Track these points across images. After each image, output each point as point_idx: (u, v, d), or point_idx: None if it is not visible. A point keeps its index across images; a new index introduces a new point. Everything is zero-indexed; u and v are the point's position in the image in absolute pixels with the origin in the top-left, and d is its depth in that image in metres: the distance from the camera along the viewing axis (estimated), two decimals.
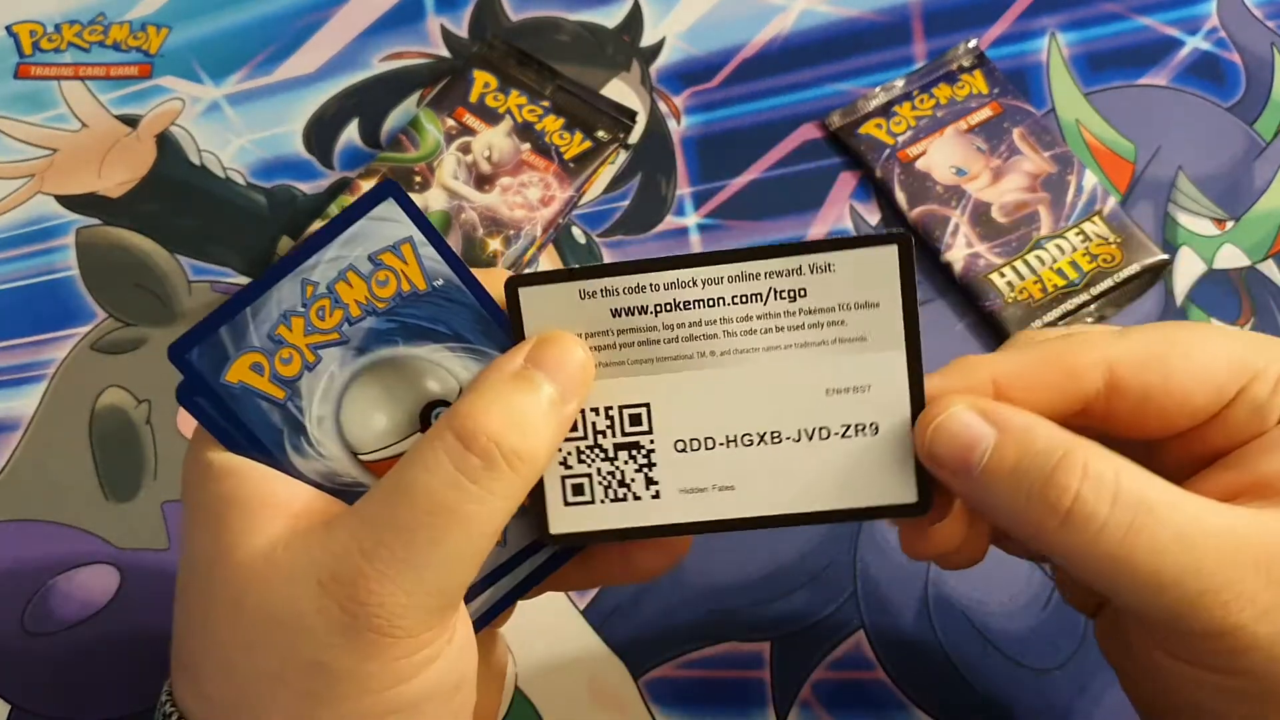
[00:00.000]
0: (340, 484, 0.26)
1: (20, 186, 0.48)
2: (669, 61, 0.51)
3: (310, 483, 0.26)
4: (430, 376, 0.26)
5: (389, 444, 0.26)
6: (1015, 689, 0.39)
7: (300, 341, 0.25)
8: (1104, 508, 0.24)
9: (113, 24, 0.52)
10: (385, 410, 0.26)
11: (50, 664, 0.40)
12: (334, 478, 0.26)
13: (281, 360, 0.25)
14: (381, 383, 0.26)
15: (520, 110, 0.48)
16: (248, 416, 0.25)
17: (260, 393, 0.25)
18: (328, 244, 0.25)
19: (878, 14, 0.52)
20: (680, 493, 0.27)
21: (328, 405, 0.26)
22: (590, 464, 0.27)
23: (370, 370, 0.26)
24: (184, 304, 0.46)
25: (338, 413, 0.26)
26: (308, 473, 0.26)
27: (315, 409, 0.26)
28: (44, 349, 0.45)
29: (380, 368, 0.26)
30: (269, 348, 0.25)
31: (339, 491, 0.26)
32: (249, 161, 0.49)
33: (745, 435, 0.27)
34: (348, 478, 0.26)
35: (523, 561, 0.28)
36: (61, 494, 0.42)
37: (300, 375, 0.25)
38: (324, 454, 0.26)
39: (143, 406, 0.44)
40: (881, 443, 0.27)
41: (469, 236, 0.44)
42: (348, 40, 0.52)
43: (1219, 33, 0.51)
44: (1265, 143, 0.49)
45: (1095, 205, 0.46)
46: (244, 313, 0.25)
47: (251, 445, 0.25)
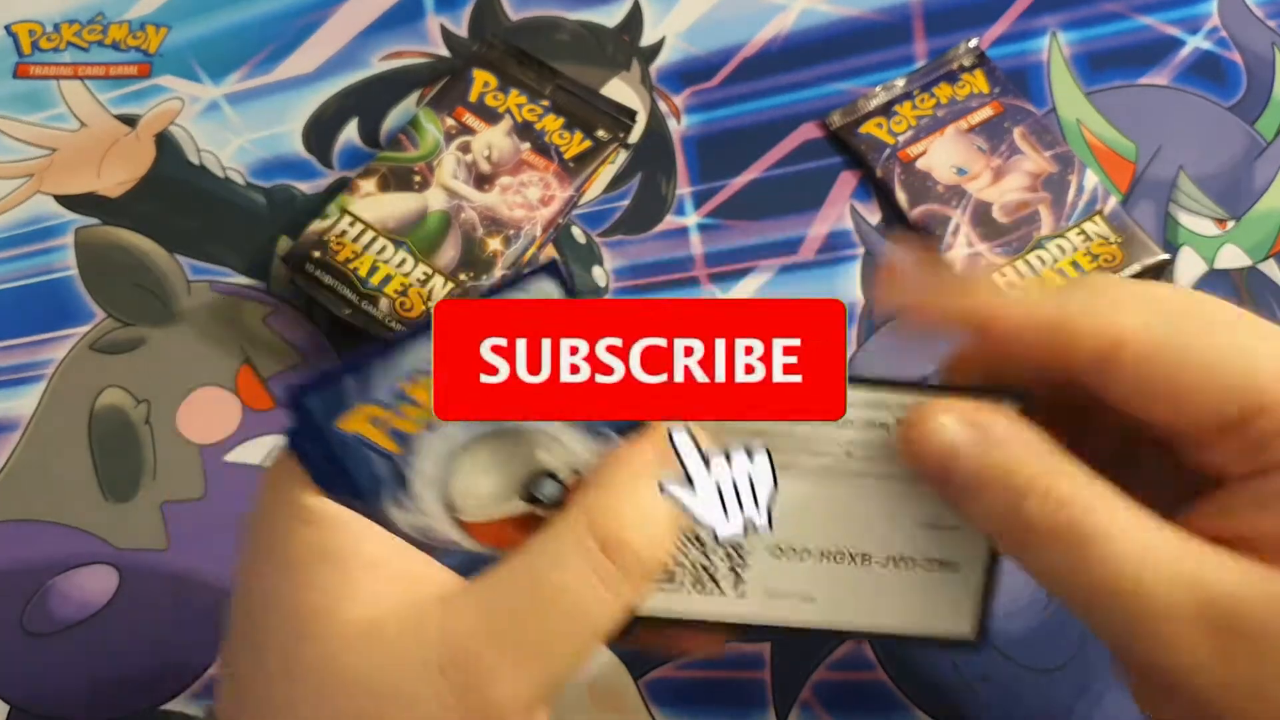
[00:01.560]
0: (433, 540, 0.26)
1: (19, 186, 0.48)
2: (669, 61, 0.51)
3: (404, 536, 0.25)
4: (544, 449, 0.26)
5: (490, 509, 0.26)
6: (1016, 689, 0.39)
7: (428, 401, 0.25)
8: (1055, 541, 0.24)
9: (112, 23, 0.52)
10: (493, 476, 0.26)
11: (49, 664, 0.40)
12: (428, 533, 0.26)
13: (402, 416, 0.25)
14: (496, 449, 0.26)
15: (520, 110, 0.47)
16: (353, 465, 0.25)
17: (373, 445, 0.25)
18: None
19: (878, 13, 0.52)
20: (764, 595, 0.28)
21: (439, 464, 0.26)
22: (685, 552, 0.27)
23: (488, 436, 0.26)
24: (183, 304, 0.46)
25: (446, 472, 0.26)
26: (403, 525, 0.25)
27: (426, 466, 0.26)
28: (43, 349, 0.45)
29: (498, 435, 0.26)
30: (392, 403, 0.25)
31: (430, 548, 0.26)
32: (248, 161, 0.49)
33: (839, 552, 0.28)
34: (442, 536, 0.26)
35: None
36: (60, 494, 0.42)
37: (420, 434, 0.25)
38: (424, 510, 0.26)
39: (142, 407, 0.44)
40: (957, 580, 0.28)
41: (469, 236, 0.44)
42: (347, 39, 0.52)
43: (1220, 32, 0.51)
44: (1266, 142, 0.49)
45: (1096, 205, 0.46)
46: (372, 366, 0.25)
47: (351, 493, 0.25)
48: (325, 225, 0.44)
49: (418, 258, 0.44)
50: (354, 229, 0.44)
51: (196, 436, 0.43)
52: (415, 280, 0.43)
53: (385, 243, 0.44)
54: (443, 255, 0.44)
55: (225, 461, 0.43)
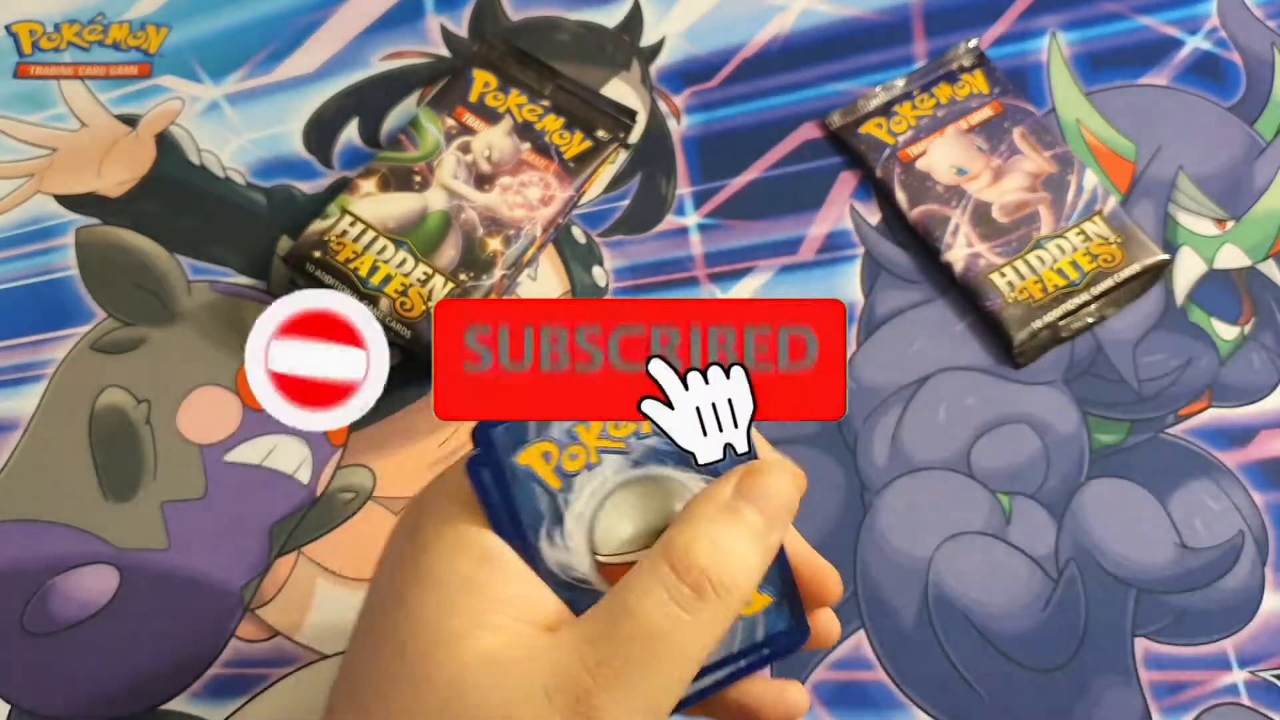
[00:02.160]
0: (572, 577, 0.27)
1: (20, 186, 0.48)
2: (669, 61, 0.51)
3: (546, 570, 0.27)
4: (681, 500, 0.27)
5: (625, 552, 0.27)
6: (1015, 689, 0.39)
7: (592, 442, 0.27)
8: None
9: (112, 23, 0.52)
10: (634, 521, 0.27)
11: (50, 664, 0.40)
12: (569, 570, 0.27)
13: (570, 455, 0.27)
14: (640, 495, 0.27)
15: (520, 110, 0.47)
16: (520, 497, 0.27)
17: (540, 479, 0.27)
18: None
19: (878, 13, 0.52)
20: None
21: (590, 504, 0.27)
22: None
23: (637, 481, 0.27)
24: (183, 304, 0.46)
25: (596, 512, 0.27)
26: (549, 559, 0.27)
27: (579, 505, 0.27)
28: (43, 349, 0.45)
29: (645, 481, 0.27)
30: (563, 441, 0.27)
31: (569, 585, 0.27)
32: (248, 161, 0.49)
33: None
34: (579, 573, 0.27)
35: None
36: (61, 494, 0.42)
37: (580, 472, 0.27)
38: (570, 546, 0.27)
39: (142, 406, 0.44)
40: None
41: (469, 236, 0.44)
42: (347, 39, 0.52)
43: (1219, 32, 0.51)
44: (1265, 143, 0.49)
45: (1096, 205, 0.46)
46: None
47: (513, 524, 0.27)
48: (325, 225, 0.44)
49: (418, 258, 0.44)
50: (354, 229, 0.44)
51: (197, 436, 0.43)
52: (415, 280, 0.43)
53: (385, 243, 0.44)
54: (443, 255, 0.44)
55: (225, 461, 0.43)
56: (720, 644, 0.28)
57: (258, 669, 0.40)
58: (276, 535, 0.42)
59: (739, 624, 0.28)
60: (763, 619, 0.28)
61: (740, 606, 0.26)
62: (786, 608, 0.29)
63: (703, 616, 0.25)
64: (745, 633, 0.28)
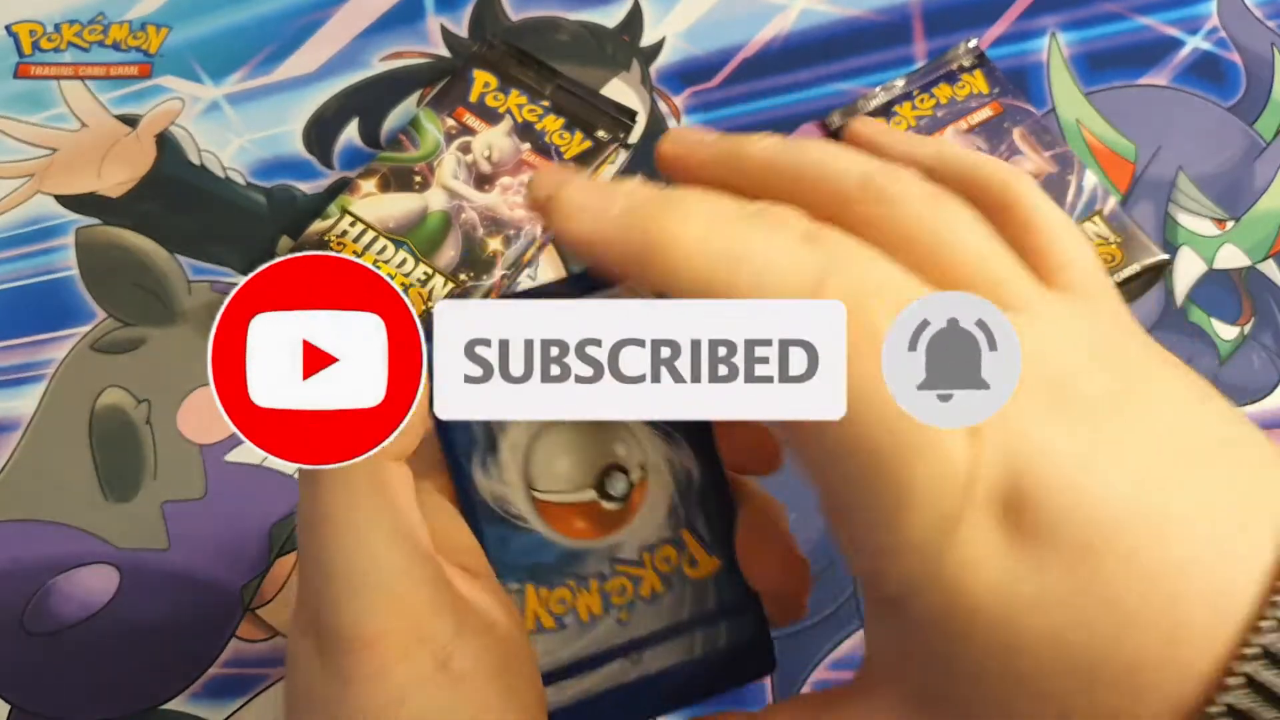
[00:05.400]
0: (507, 512, 0.26)
1: (20, 186, 0.48)
2: (669, 61, 0.51)
3: (481, 502, 0.26)
4: (621, 441, 0.27)
5: (562, 490, 0.27)
6: None
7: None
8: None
9: (112, 23, 0.52)
10: (571, 457, 0.27)
11: (50, 664, 0.40)
12: (504, 504, 0.26)
13: None
14: (578, 430, 0.27)
15: (520, 110, 0.47)
16: (451, 420, 0.26)
17: None
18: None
19: (878, 13, 0.52)
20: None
21: (524, 435, 0.26)
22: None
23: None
24: (183, 304, 0.46)
25: (531, 444, 0.26)
26: (484, 491, 0.26)
27: (513, 434, 0.26)
28: (43, 349, 0.45)
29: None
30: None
31: (504, 519, 0.26)
32: (249, 161, 0.49)
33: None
34: (515, 509, 0.26)
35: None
36: (61, 494, 0.42)
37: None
38: (504, 479, 0.26)
39: (142, 406, 0.44)
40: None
41: (469, 236, 0.44)
42: (347, 40, 0.52)
43: (1219, 32, 0.51)
44: (1265, 143, 0.49)
45: (1095, 205, 0.46)
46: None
47: (445, 448, 0.26)
48: (326, 225, 0.44)
49: (418, 258, 0.44)
50: (354, 229, 0.44)
51: (197, 436, 0.43)
52: (416, 280, 0.43)
53: (386, 243, 0.44)
54: (443, 255, 0.44)
55: (226, 461, 0.43)
56: (666, 610, 0.27)
57: (258, 669, 0.40)
58: (277, 535, 0.42)
59: (687, 588, 0.27)
60: (712, 585, 0.27)
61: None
62: (737, 573, 0.27)
63: None
64: (694, 599, 0.27)
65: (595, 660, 0.27)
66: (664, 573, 0.27)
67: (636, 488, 0.27)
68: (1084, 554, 0.19)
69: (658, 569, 0.27)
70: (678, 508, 0.27)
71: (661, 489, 0.27)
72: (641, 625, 0.27)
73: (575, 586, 0.27)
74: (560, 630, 0.27)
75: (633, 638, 0.27)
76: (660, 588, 0.27)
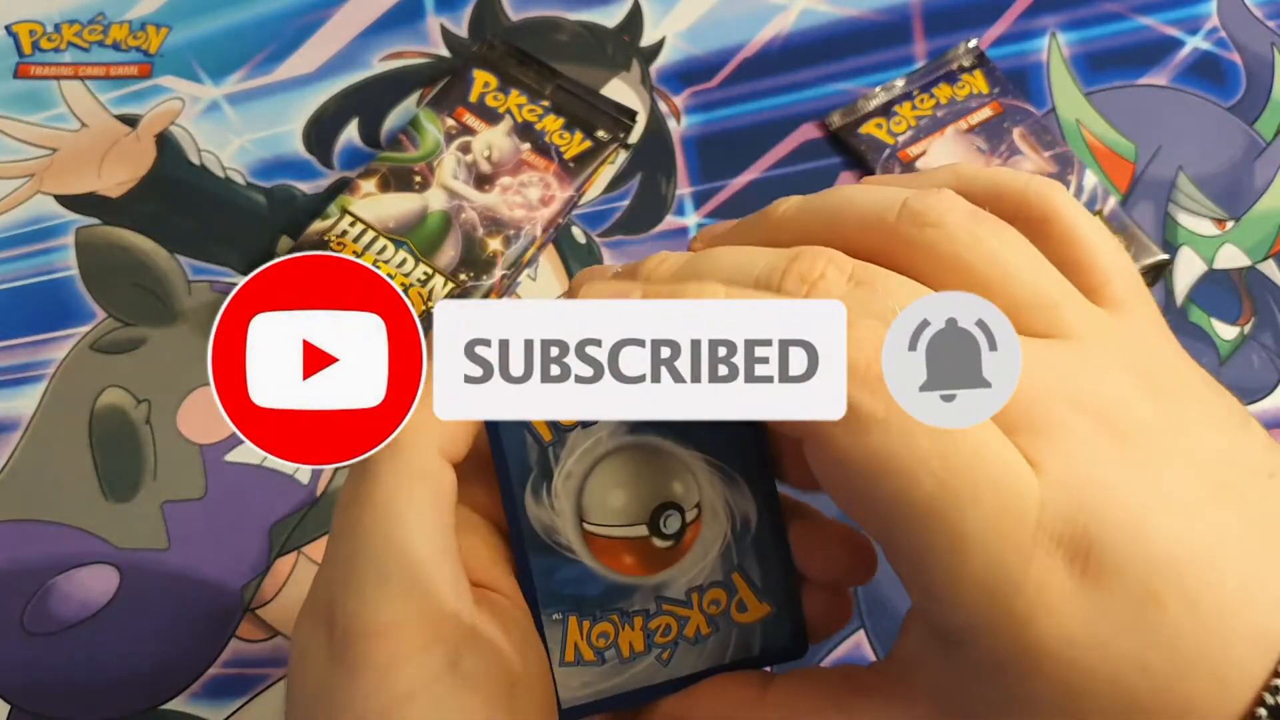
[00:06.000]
0: (555, 541, 0.26)
1: (20, 186, 0.48)
2: (669, 61, 0.51)
3: (529, 530, 0.26)
4: (678, 478, 0.26)
5: (615, 524, 0.26)
6: None
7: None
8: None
9: (112, 23, 0.52)
10: (626, 491, 0.26)
11: (50, 664, 0.40)
12: (552, 534, 0.26)
13: None
14: (635, 464, 0.26)
15: (520, 110, 0.47)
16: (508, 443, 0.25)
17: (531, 426, 0.25)
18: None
19: (878, 13, 0.52)
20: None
21: (582, 465, 0.26)
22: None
23: (632, 448, 0.26)
24: (183, 304, 0.46)
25: (586, 475, 0.26)
26: (533, 519, 0.26)
27: (570, 463, 0.26)
28: (43, 349, 0.45)
29: (641, 450, 0.26)
30: None
31: (552, 549, 0.26)
32: (249, 161, 0.49)
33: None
34: (564, 540, 0.26)
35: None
36: (61, 494, 0.42)
37: (575, 427, 0.26)
38: (556, 508, 0.26)
39: (142, 406, 0.44)
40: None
41: (469, 236, 0.44)
42: (347, 40, 0.52)
43: (1219, 32, 0.51)
44: (1265, 143, 0.49)
45: (1095, 205, 0.46)
46: None
47: (500, 471, 0.25)
48: (326, 225, 0.44)
49: (418, 258, 0.44)
50: (354, 229, 0.44)
51: (197, 436, 0.43)
52: (416, 280, 0.43)
53: (385, 243, 0.44)
54: (443, 255, 0.44)
55: (226, 461, 0.43)
56: (709, 652, 0.27)
57: (258, 669, 0.40)
58: (277, 535, 0.42)
59: (733, 632, 0.27)
60: (759, 630, 0.27)
61: None
62: (787, 621, 0.27)
63: None
64: (739, 643, 0.27)
65: (632, 697, 0.27)
66: (711, 615, 0.27)
67: (690, 527, 0.26)
68: (1148, 598, 0.19)
69: (705, 610, 0.27)
70: (731, 550, 0.27)
71: (716, 530, 0.27)
72: (683, 665, 0.27)
73: (618, 621, 0.26)
74: (599, 664, 0.26)
75: (672, 677, 0.27)
76: (706, 630, 0.27)
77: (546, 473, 0.26)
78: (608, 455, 0.26)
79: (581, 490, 0.26)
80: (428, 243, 0.44)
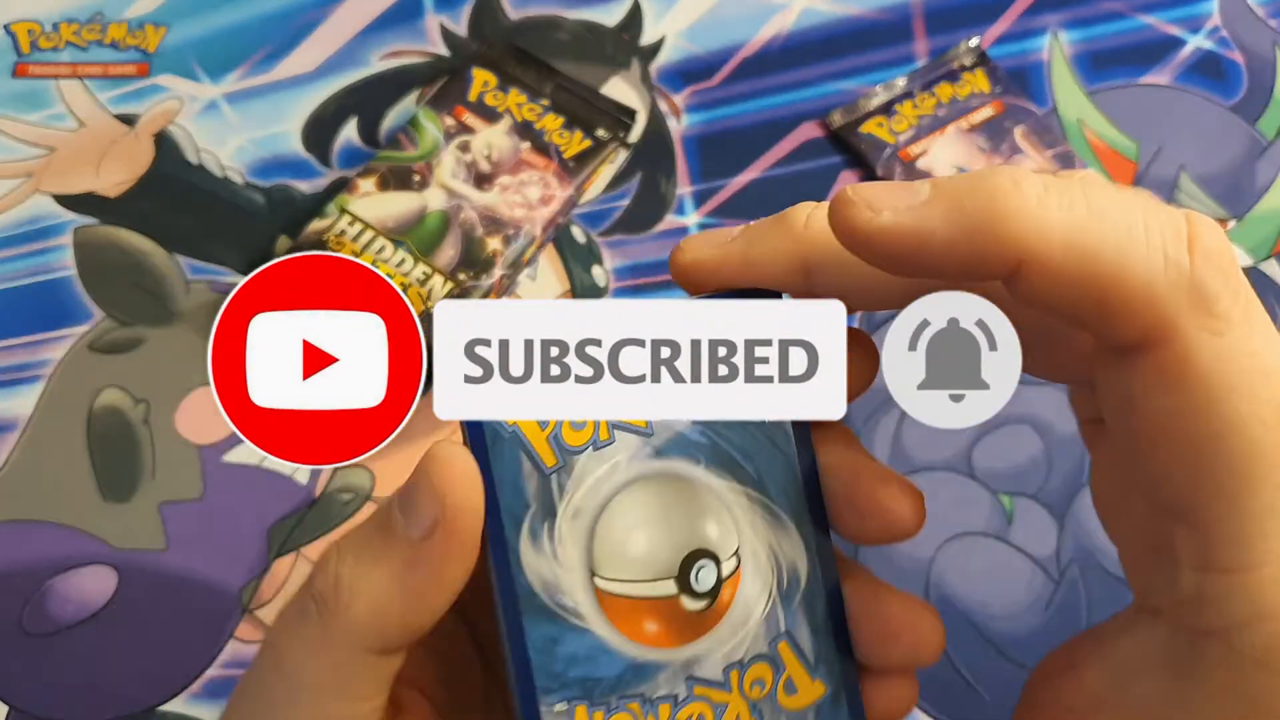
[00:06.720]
0: (559, 604, 0.21)
1: (17, 186, 0.48)
2: (669, 60, 0.51)
3: (524, 587, 0.21)
4: (713, 518, 0.22)
5: (635, 579, 0.21)
6: (1017, 690, 0.39)
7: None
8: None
9: (110, 22, 0.52)
10: (650, 534, 0.21)
11: (49, 664, 0.40)
12: (553, 592, 0.21)
13: (573, 425, 0.22)
14: (660, 499, 0.21)
15: (520, 109, 0.47)
16: (501, 468, 0.21)
17: (531, 447, 0.21)
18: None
19: (879, 12, 0.52)
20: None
21: (593, 500, 0.21)
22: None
23: (656, 479, 0.22)
24: (182, 303, 0.46)
25: (599, 513, 0.21)
26: (529, 570, 0.21)
27: (578, 497, 0.21)
28: (41, 349, 0.45)
29: (667, 480, 0.22)
30: None
31: (554, 614, 0.21)
32: (247, 160, 0.49)
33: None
34: (569, 601, 0.21)
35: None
36: (59, 495, 0.42)
37: (584, 449, 0.21)
38: (559, 558, 0.21)
39: (141, 407, 0.44)
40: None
41: (468, 235, 0.44)
42: (346, 39, 0.51)
43: (1221, 32, 0.51)
44: (1267, 142, 0.48)
45: None
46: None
47: (488, 510, 0.21)
48: (325, 225, 0.44)
49: (417, 257, 0.44)
50: (353, 228, 0.44)
51: (195, 436, 0.43)
52: (415, 280, 0.43)
53: (385, 242, 0.44)
54: (442, 255, 0.44)
55: (224, 462, 0.43)
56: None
57: None
58: (275, 536, 0.42)
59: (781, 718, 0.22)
60: (813, 715, 0.22)
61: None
62: (845, 705, 0.22)
63: None
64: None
65: None
66: (754, 700, 0.22)
67: (727, 582, 0.22)
68: None
69: (747, 695, 0.22)
70: (776, 612, 0.22)
71: (759, 585, 0.22)
72: None
73: (639, 712, 0.21)
74: None
75: None
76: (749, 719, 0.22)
77: (549, 509, 0.21)
78: (625, 487, 0.21)
79: (593, 533, 0.21)
80: (427, 242, 0.44)
